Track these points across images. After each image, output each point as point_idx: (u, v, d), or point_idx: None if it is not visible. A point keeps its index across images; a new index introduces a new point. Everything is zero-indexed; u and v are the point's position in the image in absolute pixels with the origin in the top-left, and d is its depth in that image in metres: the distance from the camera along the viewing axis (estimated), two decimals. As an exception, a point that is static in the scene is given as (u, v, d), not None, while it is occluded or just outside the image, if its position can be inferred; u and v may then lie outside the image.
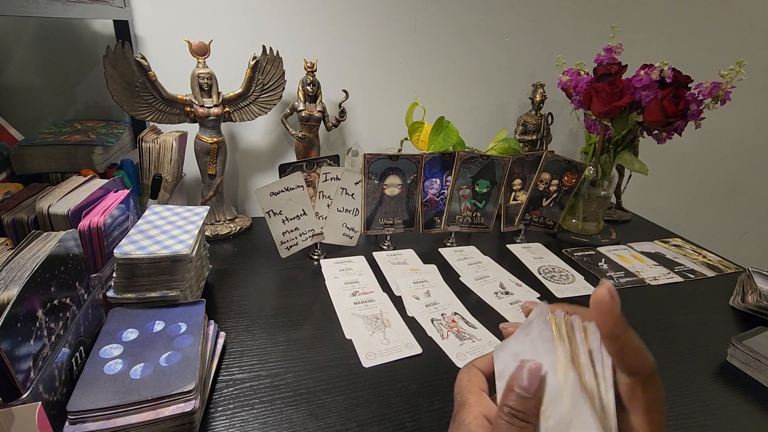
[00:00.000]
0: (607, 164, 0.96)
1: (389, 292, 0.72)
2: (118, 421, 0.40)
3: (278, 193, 0.75)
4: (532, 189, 0.93)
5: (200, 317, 0.53)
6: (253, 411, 0.49)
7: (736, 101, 0.86)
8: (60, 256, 0.45)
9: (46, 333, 0.41)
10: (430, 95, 1.07)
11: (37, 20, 0.82)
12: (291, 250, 0.79)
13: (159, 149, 0.80)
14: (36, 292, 0.40)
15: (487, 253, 0.88)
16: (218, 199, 0.90)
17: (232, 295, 0.70)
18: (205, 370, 0.50)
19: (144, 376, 0.43)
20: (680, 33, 1.19)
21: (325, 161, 0.85)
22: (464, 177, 0.88)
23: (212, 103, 0.81)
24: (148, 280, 0.54)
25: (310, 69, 0.86)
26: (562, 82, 0.97)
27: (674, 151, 1.19)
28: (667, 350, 0.64)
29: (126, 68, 0.72)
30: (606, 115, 0.86)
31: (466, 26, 1.04)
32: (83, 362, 0.46)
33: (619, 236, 1.01)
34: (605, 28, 0.92)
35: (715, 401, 0.55)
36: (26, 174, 0.70)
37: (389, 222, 0.88)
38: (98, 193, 0.62)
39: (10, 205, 0.59)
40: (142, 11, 0.84)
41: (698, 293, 0.80)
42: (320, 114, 0.90)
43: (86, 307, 0.49)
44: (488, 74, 1.11)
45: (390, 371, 0.56)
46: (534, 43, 1.10)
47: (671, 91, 0.81)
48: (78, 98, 0.89)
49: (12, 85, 0.85)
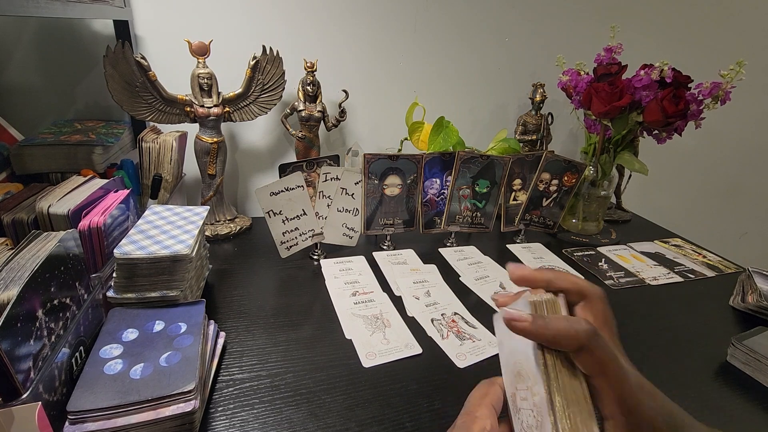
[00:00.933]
0: (607, 164, 0.96)
1: (389, 292, 0.72)
2: (118, 421, 0.40)
3: (278, 193, 0.75)
4: (532, 189, 0.93)
5: (200, 317, 0.53)
6: (253, 411, 0.49)
7: (736, 101, 0.86)
8: (60, 256, 0.45)
9: (46, 333, 0.41)
10: (430, 95, 1.07)
11: (37, 20, 0.82)
12: (291, 250, 0.79)
13: (159, 149, 0.80)
14: (36, 292, 0.40)
15: (487, 253, 0.88)
16: (218, 199, 0.90)
17: (232, 295, 0.70)
18: (205, 370, 0.50)
19: (144, 376, 0.43)
20: (680, 33, 1.19)
21: (325, 161, 0.85)
22: (464, 177, 0.88)
23: (212, 103, 0.81)
24: (148, 280, 0.54)
25: (310, 69, 0.86)
26: (562, 82, 0.97)
27: (674, 151, 1.19)
28: (667, 350, 0.64)
29: (126, 68, 0.72)
30: (606, 115, 0.86)
31: (466, 26, 1.04)
32: (83, 362, 0.46)
33: (619, 236, 1.01)
34: (605, 28, 0.92)
35: (715, 401, 0.55)
36: (26, 174, 0.70)
37: (389, 222, 0.88)
38: (98, 193, 0.62)
39: (10, 205, 0.59)
40: (142, 11, 0.84)
41: (698, 293, 0.80)
42: (320, 114, 0.90)
43: (86, 307, 0.49)
44: (488, 74, 1.11)
45: (390, 371, 0.56)
46: (534, 43, 1.10)
47: (671, 91, 0.81)
48: (78, 98, 0.89)
49: (12, 85, 0.85)
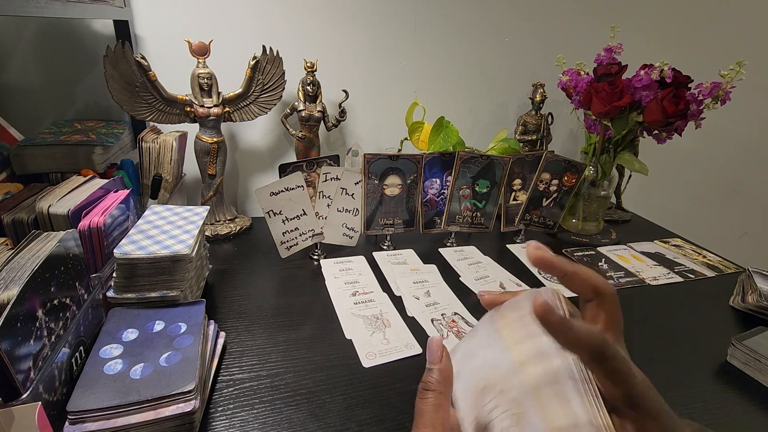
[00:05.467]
0: (607, 164, 0.96)
1: (389, 292, 0.72)
2: (118, 421, 0.40)
3: (278, 193, 0.75)
4: (532, 189, 0.93)
5: (200, 317, 0.53)
6: (253, 411, 0.49)
7: (736, 101, 0.86)
8: (60, 256, 0.45)
9: (46, 333, 0.41)
10: (430, 95, 1.07)
11: (37, 20, 0.82)
12: (291, 250, 0.79)
13: (159, 149, 0.80)
14: (36, 292, 0.40)
15: (487, 253, 0.88)
16: (218, 199, 0.90)
17: (232, 295, 0.70)
18: (205, 370, 0.50)
19: (144, 376, 0.43)
20: (680, 33, 1.19)
21: (325, 161, 0.85)
22: (464, 177, 0.88)
23: (212, 103, 0.81)
24: (148, 280, 0.54)
25: (310, 69, 0.86)
26: (562, 82, 0.97)
27: (674, 151, 1.19)
28: (667, 350, 0.64)
29: (126, 68, 0.72)
30: (606, 115, 0.86)
31: (466, 26, 1.04)
32: (83, 362, 0.46)
33: (619, 236, 1.01)
34: (605, 28, 0.92)
35: (715, 401, 0.55)
36: (26, 174, 0.70)
37: (389, 222, 0.88)
38: (98, 193, 0.62)
39: (10, 205, 0.59)
40: (142, 11, 0.84)
41: (698, 293, 0.80)
42: (320, 114, 0.90)
43: (86, 307, 0.49)
44: (488, 74, 1.11)
45: (390, 371, 0.56)
46: (534, 43, 1.10)
47: (671, 91, 0.81)
48: (78, 98, 0.89)
49: (12, 85, 0.85)
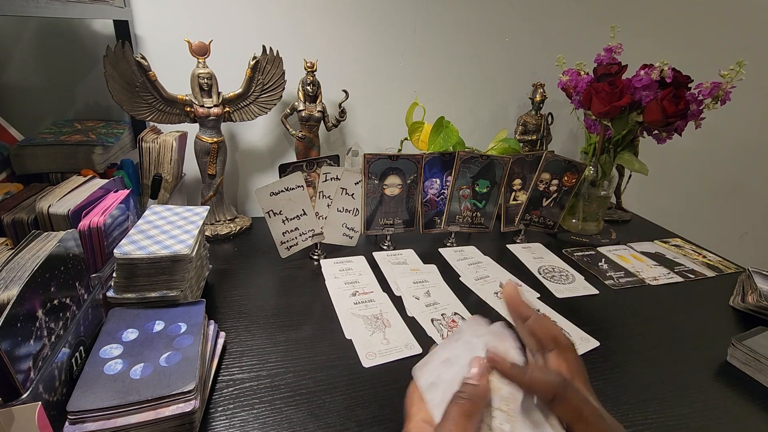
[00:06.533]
0: (607, 164, 0.96)
1: (389, 292, 0.72)
2: (118, 421, 0.40)
3: (278, 193, 0.75)
4: (532, 189, 0.93)
5: (200, 317, 0.53)
6: (253, 411, 0.49)
7: (736, 101, 0.86)
8: (60, 256, 0.45)
9: (46, 333, 0.41)
10: (430, 95, 1.07)
11: (37, 20, 0.82)
12: (291, 250, 0.79)
13: (159, 149, 0.80)
14: (36, 292, 0.40)
15: (487, 253, 0.88)
16: (218, 199, 0.90)
17: (232, 295, 0.70)
18: (205, 370, 0.50)
19: (144, 376, 0.43)
20: (680, 33, 1.19)
21: (325, 161, 0.85)
22: (464, 177, 0.88)
23: (212, 103, 0.81)
24: (148, 280, 0.54)
25: (310, 69, 0.86)
26: (562, 82, 0.97)
27: (674, 151, 1.19)
28: (667, 350, 0.64)
29: (126, 68, 0.72)
30: (606, 115, 0.86)
31: (466, 26, 1.04)
32: (83, 362, 0.45)
33: (619, 236, 1.01)
34: (605, 28, 0.92)
35: (715, 401, 0.55)
36: (26, 174, 0.70)
37: (389, 222, 0.88)
38: (98, 193, 0.62)
39: (10, 205, 0.59)
40: (142, 11, 0.84)
41: (698, 293, 0.80)
42: (320, 114, 0.90)
43: (86, 307, 0.49)
44: (488, 74, 1.11)
45: (390, 371, 0.56)
46: (534, 43, 1.10)
47: (671, 91, 0.81)
48: (78, 98, 0.89)
49: (12, 85, 0.85)
